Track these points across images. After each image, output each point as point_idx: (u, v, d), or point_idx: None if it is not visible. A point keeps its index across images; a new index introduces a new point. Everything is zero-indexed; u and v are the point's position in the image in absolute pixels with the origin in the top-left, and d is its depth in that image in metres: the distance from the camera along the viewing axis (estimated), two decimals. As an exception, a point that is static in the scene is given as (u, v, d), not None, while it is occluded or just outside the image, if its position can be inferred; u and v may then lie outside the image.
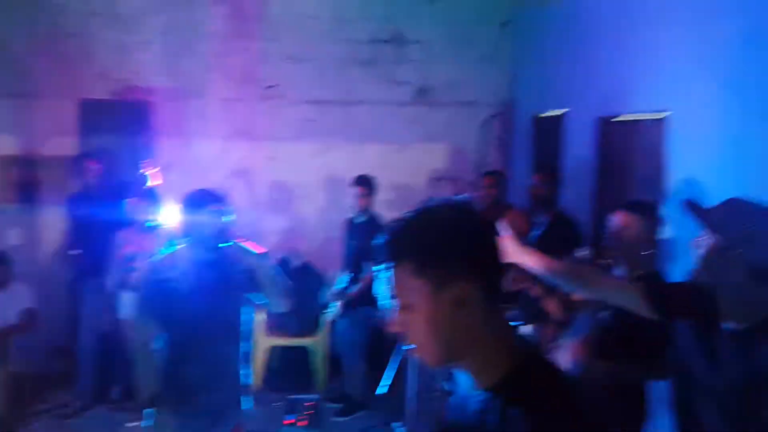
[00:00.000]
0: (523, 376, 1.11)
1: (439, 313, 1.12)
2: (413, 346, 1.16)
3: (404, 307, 1.15)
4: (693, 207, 1.95)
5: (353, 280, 4.67)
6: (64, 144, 5.33)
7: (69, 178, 5.25)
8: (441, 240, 1.12)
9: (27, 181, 5.44)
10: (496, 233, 1.19)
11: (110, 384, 4.77)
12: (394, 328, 1.17)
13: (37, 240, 5.44)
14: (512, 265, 2.41)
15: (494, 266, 1.15)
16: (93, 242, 4.54)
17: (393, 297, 1.16)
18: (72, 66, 5.42)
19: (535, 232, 3.78)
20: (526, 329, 2.96)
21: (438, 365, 1.18)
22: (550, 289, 2.81)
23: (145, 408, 3.40)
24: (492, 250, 1.15)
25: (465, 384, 1.20)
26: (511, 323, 1.22)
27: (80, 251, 4.65)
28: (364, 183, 4.68)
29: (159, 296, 2.67)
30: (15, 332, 4.62)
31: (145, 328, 2.77)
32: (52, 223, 5.39)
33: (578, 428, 1.07)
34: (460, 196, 5.03)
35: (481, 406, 1.13)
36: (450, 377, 1.29)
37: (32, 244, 5.39)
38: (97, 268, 4.34)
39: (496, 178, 4.72)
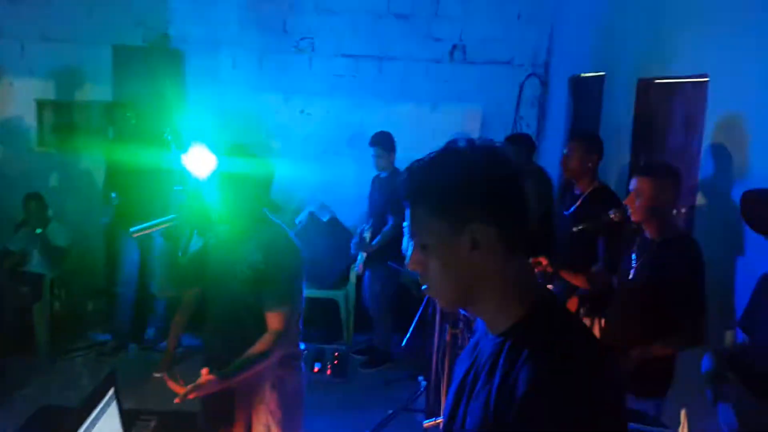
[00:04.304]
0: (535, 322, 1.08)
1: (454, 254, 1.09)
2: (428, 286, 1.15)
3: (420, 247, 1.13)
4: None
5: (377, 234, 4.71)
6: (98, 89, 5.40)
7: (105, 123, 5.35)
8: (458, 181, 1.09)
9: (64, 126, 5.55)
10: (521, 177, 1.12)
11: (145, 326, 4.96)
12: (410, 267, 1.15)
13: (75, 183, 5.57)
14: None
15: (514, 211, 1.10)
16: (132, 187, 4.64)
17: (411, 235, 1.15)
18: (107, 11, 5.45)
19: (571, 209, 3.43)
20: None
21: (452, 307, 1.18)
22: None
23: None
24: (513, 194, 1.10)
25: (482, 329, 1.19)
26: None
27: (119, 196, 4.76)
28: (381, 143, 4.63)
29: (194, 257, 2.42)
30: (50, 270, 4.81)
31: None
32: (90, 167, 5.53)
33: (586, 375, 1.01)
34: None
35: (492, 350, 1.11)
36: (471, 324, 1.29)
37: (70, 188, 5.53)
38: (135, 213, 4.46)
39: (519, 141, 4.45)
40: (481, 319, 1.18)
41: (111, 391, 1.73)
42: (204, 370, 2.05)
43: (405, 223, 1.13)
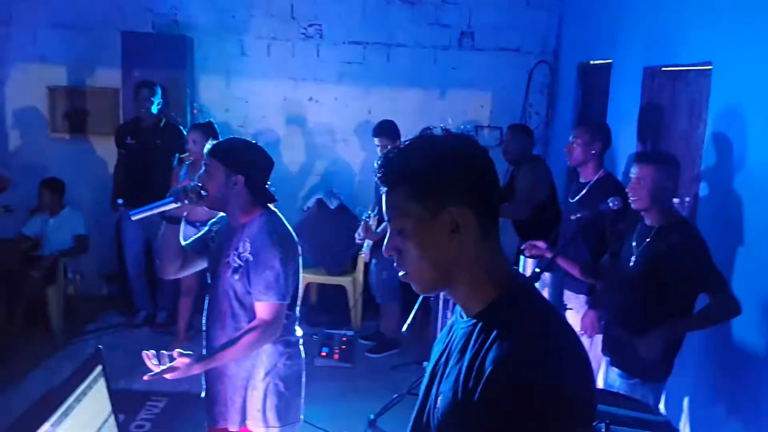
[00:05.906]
0: (507, 304, 1.11)
1: (431, 238, 1.12)
2: (406, 271, 1.16)
3: (398, 232, 1.15)
4: None
5: (382, 221, 4.74)
6: (108, 76, 5.45)
7: (116, 109, 5.41)
8: (435, 165, 1.11)
9: (76, 112, 5.62)
10: (493, 164, 1.16)
11: (157, 308, 5.06)
12: (386, 252, 1.17)
13: (87, 168, 5.64)
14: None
15: (489, 196, 1.14)
16: (143, 171, 4.69)
17: (388, 221, 1.17)
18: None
19: (576, 197, 3.42)
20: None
21: (429, 290, 1.20)
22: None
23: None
24: (488, 179, 1.14)
25: (457, 312, 1.22)
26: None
27: (130, 180, 4.82)
28: (385, 133, 4.60)
29: (198, 241, 2.45)
30: (67, 256, 4.92)
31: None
32: (101, 152, 5.60)
33: (551, 357, 1.02)
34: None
35: (465, 332, 1.13)
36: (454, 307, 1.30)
37: (83, 173, 5.60)
38: (141, 198, 4.53)
39: (518, 131, 4.49)
40: (456, 302, 1.21)
41: (98, 369, 1.66)
42: (176, 352, 2.07)
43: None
